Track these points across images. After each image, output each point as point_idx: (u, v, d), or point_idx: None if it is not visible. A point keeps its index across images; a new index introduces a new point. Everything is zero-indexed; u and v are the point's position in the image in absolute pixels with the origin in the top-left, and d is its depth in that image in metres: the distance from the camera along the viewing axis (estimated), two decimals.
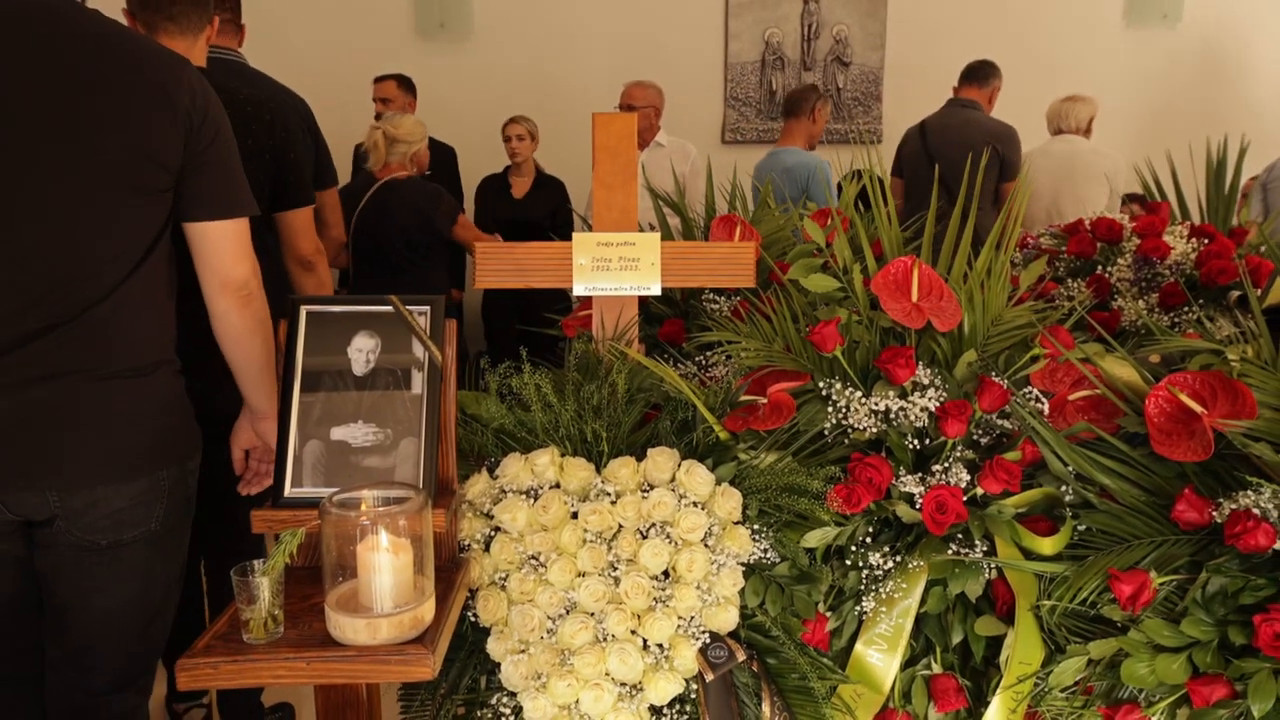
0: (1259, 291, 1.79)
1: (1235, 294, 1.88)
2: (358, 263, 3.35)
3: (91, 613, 1.42)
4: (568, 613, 1.31)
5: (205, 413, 1.55)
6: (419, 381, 1.31)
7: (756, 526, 1.37)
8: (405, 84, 4.45)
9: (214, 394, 1.61)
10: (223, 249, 1.44)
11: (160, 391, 1.40)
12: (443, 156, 4.45)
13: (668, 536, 1.33)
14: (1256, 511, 1.15)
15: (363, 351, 1.31)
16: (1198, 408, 1.27)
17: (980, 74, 4.05)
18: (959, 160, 3.96)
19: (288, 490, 1.27)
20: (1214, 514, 1.21)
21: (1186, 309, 1.88)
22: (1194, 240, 2.02)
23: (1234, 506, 1.18)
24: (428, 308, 1.33)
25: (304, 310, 1.33)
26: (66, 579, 1.40)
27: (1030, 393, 1.47)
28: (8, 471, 1.32)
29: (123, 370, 1.37)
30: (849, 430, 1.44)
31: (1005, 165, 3.86)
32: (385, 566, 1.07)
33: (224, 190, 1.44)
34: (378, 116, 4.38)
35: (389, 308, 1.32)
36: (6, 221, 1.27)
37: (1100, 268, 2.07)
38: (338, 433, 1.30)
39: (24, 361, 1.30)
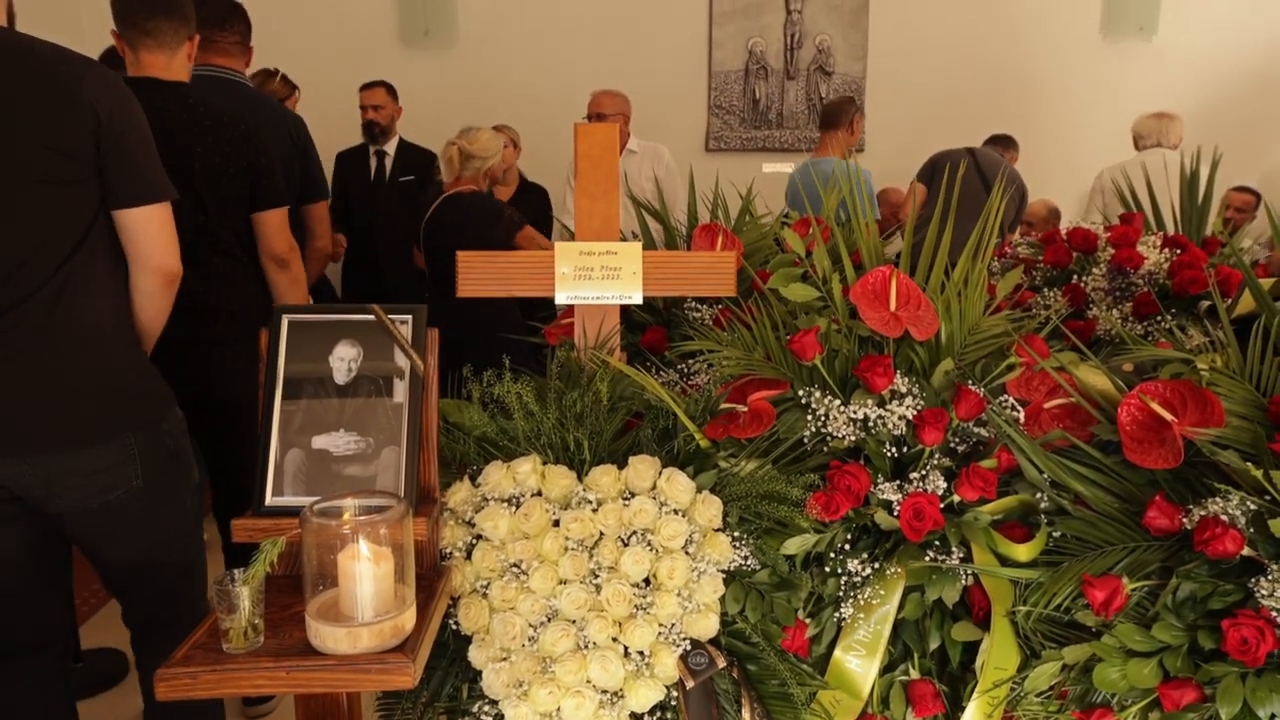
0: (1228, 302, 1.82)
1: (1205, 304, 1.91)
2: (431, 272, 3.44)
3: (113, 562, 1.64)
4: (549, 620, 1.32)
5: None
6: (401, 390, 1.32)
7: (737, 534, 1.39)
8: (392, 91, 4.48)
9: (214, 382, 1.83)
10: (147, 234, 1.57)
11: (114, 364, 1.51)
12: (421, 159, 4.49)
13: (649, 544, 1.34)
14: (1224, 518, 1.18)
15: (344, 360, 1.32)
16: (1168, 416, 1.29)
17: (1006, 141, 4.76)
18: (1002, 179, 4.24)
19: (269, 499, 1.27)
20: (1184, 520, 1.23)
21: (1159, 318, 1.91)
22: (1167, 250, 2.05)
23: (1203, 513, 1.20)
24: (409, 317, 1.34)
25: (286, 319, 1.34)
26: (81, 538, 1.60)
27: (1006, 401, 1.49)
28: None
29: (72, 348, 1.49)
30: (828, 438, 1.45)
31: (1019, 214, 4.29)
32: (366, 575, 1.07)
33: (139, 178, 1.55)
34: (368, 123, 4.40)
35: (371, 316, 1.33)
36: None
37: (1076, 277, 2.10)
38: (319, 441, 1.30)
39: None
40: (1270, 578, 1.12)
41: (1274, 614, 1.11)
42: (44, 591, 1.63)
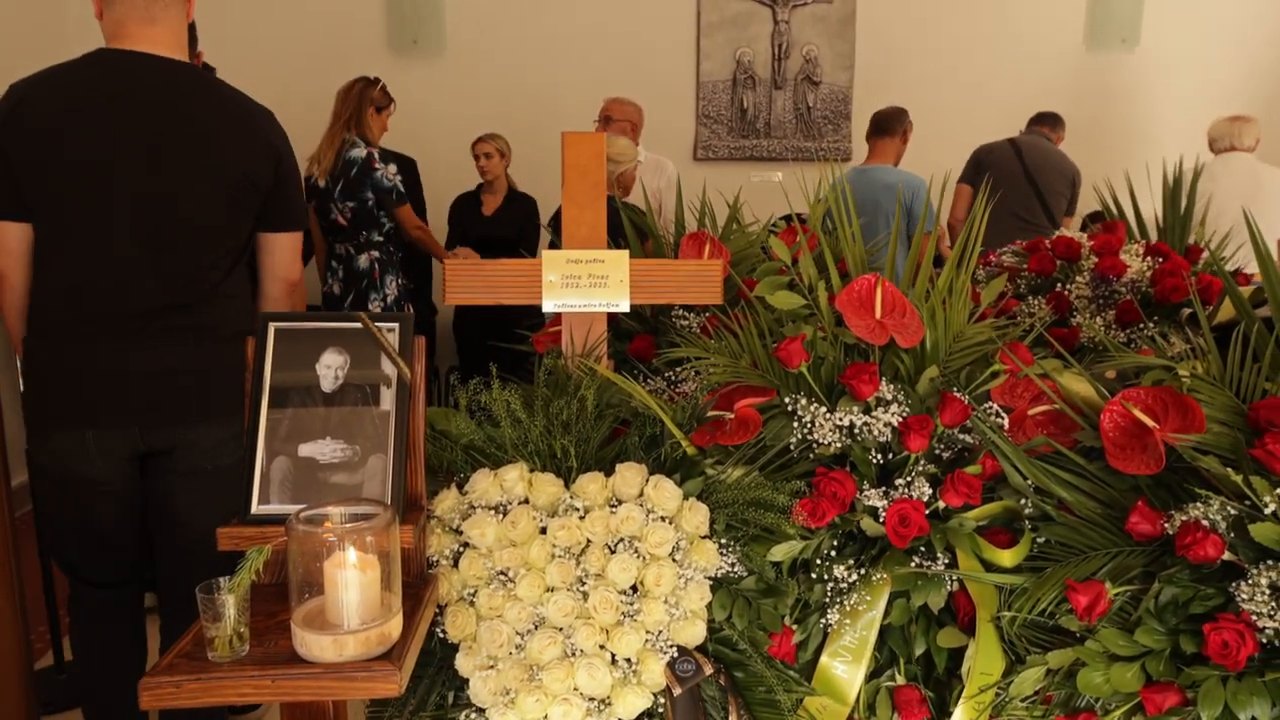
0: (1209, 309, 1.84)
1: (1187, 311, 1.93)
2: None
3: (195, 523, 1.84)
4: (536, 628, 1.32)
5: None
6: (388, 398, 1.32)
7: (724, 541, 1.39)
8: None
9: None
10: (286, 253, 2.00)
11: (238, 358, 1.75)
12: (402, 165, 4.51)
13: (636, 551, 1.35)
14: (1205, 523, 1.19)
15: (331, 368, 1.32)
16: (1150, 422, 1.30)
17: (1052, 120, 4.60)
18: (1055, 182, 4.20)
19: (254, 507, 1.27)
20: (1166, 526, 1.24)
21: (1142, 326, 1.93)
22: (1149, 259, 2.07)
23: (1184, 518, 1.21)
24: (396, 324, 1.34)
25: (272, 327, 1.34)
26: (180, 498, 1.88)
27: (991, 408, 1.50)
28: (146, 410, 1.80)
29: (224, 338, 1.84)
30: (814, 445, 1.46)
31: (1073, 200, 4.34)
32: (352, 583, 1.07)
33: (292, 210, 1.99)
34: None
35: (358, 324, 1.33)
36: (161, 228, 1.78)
37: (1060, 285, 2.12)
38: (305, 449, 1.30)
39: (156, 326, 1.80)
40: (1250, 582, 1.14)
41: (1254, 618, 1.12)
42: (131, 543, 1.95)
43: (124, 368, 1.78)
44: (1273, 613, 1.10)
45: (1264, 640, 1.12)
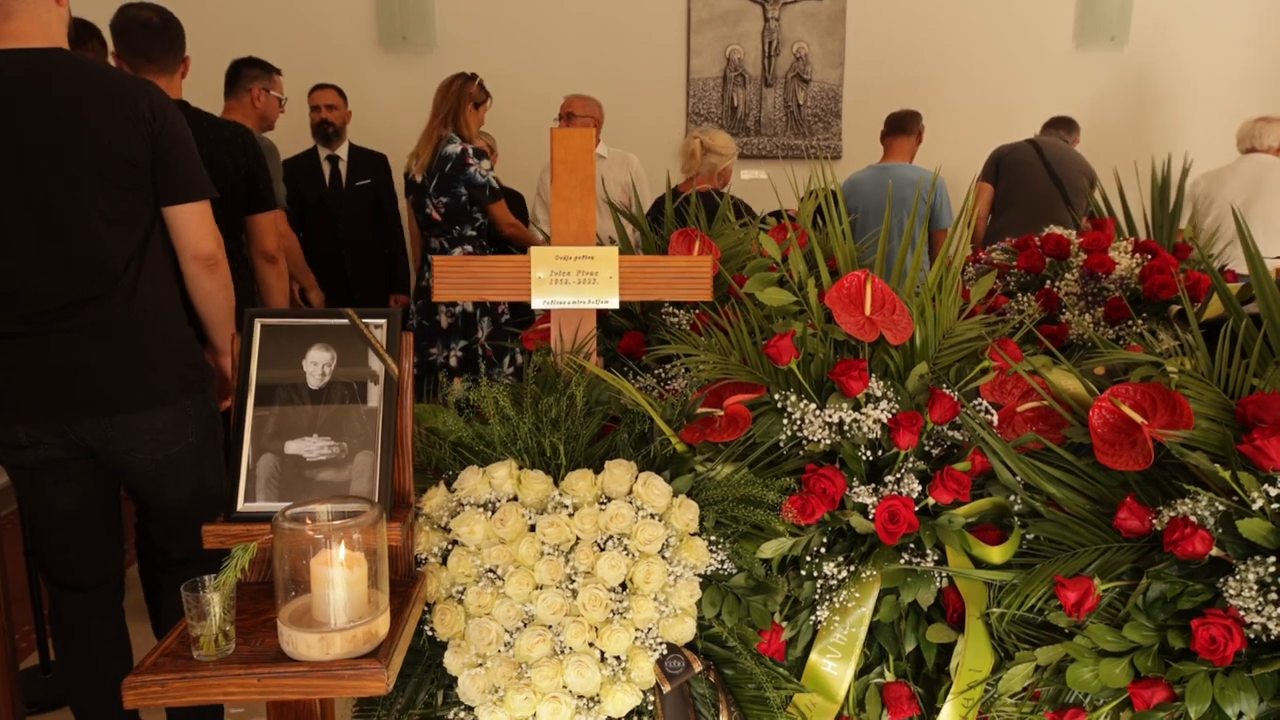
0: (1197, 306, 1.85)
1: (1175, 308, 1.94)
2: None
3: (164, 507, 1.95)
4: (525, 626, 1.32)
5: None
6: (375, 395, 1.31)
7: (713, 538, 1.39)
8: (342, 94, 4.48)
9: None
10: (190, 226, 1.91)
11: (176, 340, 1.81)
12: (375, 162, 4.51)
13: (625, 548, 1.34)
14: (1194, 519, 1.19)
15: (318, 365, 1.31)
16: (1138, 418, 1.31)
17: (1068, 124, 4.67)
18: (1077, 179, 4.24)
19: (240, 505, 1.26)
20: (1154, 522, 1.24)
21: (1130, 323, 1.94)
22: (1138, 255, 2.08)
23: (1172, 514, 1.21)
24: (384, 321, 1.33)
25: (259, 323, 1.33)
26: (140, 486, 1.94)
27: (980, 404, 1.50)
28: (66, 405, 1.79)
29: (147, 326, 1.85)
30: (804, 442, 1.46)
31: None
32: (339, 581, 1.07)
33: (185, 180, 1.89)
34: (321, 123, 4.37)
35: (344, 321, 1.32)
36: (46, 220, 1.75)
37: (1049, 282, 2.12)
38: (292, 446, 1.29)
39: (72, 322, 1.78)
40: (1238, 577, 1.14)
41: (1242, 613, 1.12)
42: (105, 537, 1.98)
43: (43, 363, 1.78)
44: (1260, 608, 1.11)
45: (1251, 635, 1.12)
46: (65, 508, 1.90)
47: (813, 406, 1.45)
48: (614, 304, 1.68)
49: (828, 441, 1.44)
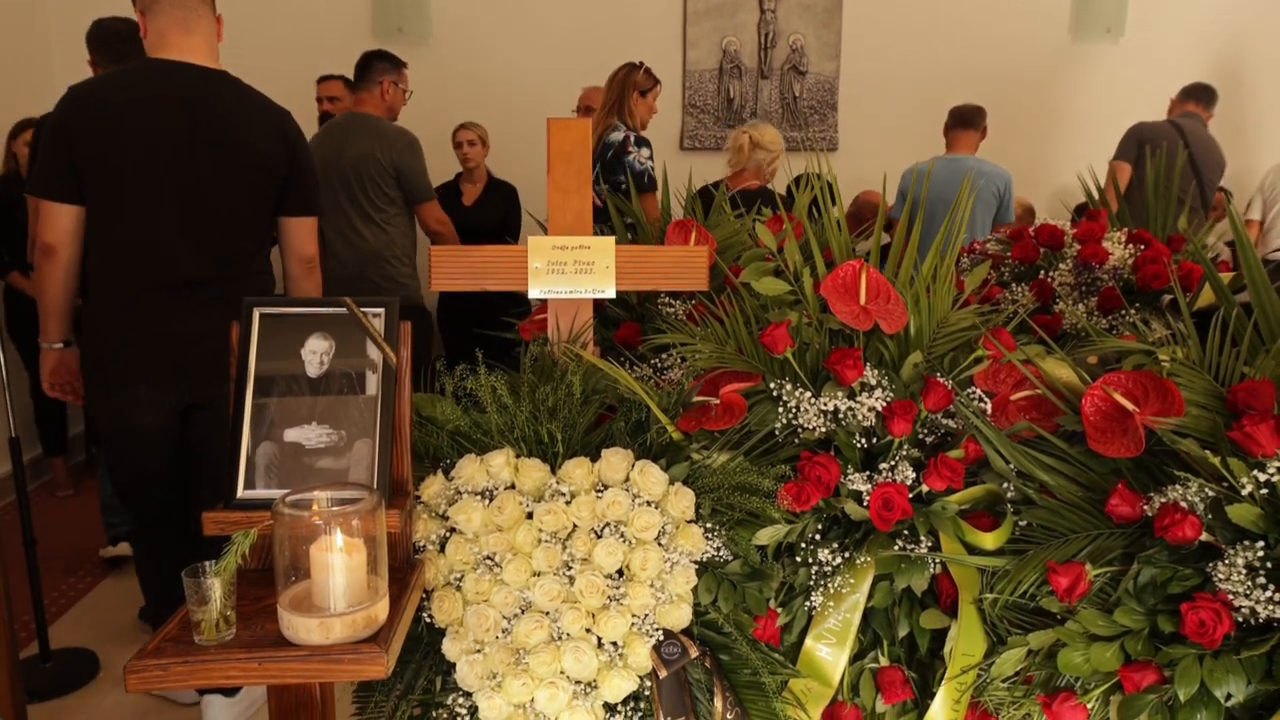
0: (1190, 296, 1.86)
1: (1168, 298, 1.95)
2: None
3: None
4: (523, 612, 1.33)
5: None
6: (374, 383, 1.32)
7: (709, 525, 1.40)
8: (349, 84, 4.46)
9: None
10: (302, 235, 2.35)
11: None
12: None
13: (622, 536, 1.35)
14: (1184, 505, 1.20)
15: (316, 353, 1.32)
16: (1130, 406, 1.32)
17: (1207, 95, 4.53)
18: (1213, 175, 4.23)
19: (240, 492, 1.27)
20: (1145, 508, 1.25)
21: (1123, 312, 1.95)
22: (1131, 246, 2.09)
23: (1163, 500, 1.23)
24: (382, 309, 1.34)
25: (257, 312, 1.33)
26: (212, 446, 2.19)
27: (974, 393, 1.51)
28: (183, 372, 2.18)
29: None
30: (799, 430, 1.47)
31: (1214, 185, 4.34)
32: (338, 567, 1.07)
33: (305, 196, 2.33)
34: (324, 115, 4.37)
35: (343, 309, 1.33)
36: (199, 208, 2.15)
37: (1043, 272, 2.13)
38: (291, 434, 1.30)
39: (200, 296, 2.17)
40: (1227, 562, 1.15)
41: (1231, 597, 1.14)
42: (180, 479, 2.32)
43: (168, 331, 2.15)
44: (1248, 592, 1.12)
45: (1240, 619, 1.14)
46: (152, 458, 2.25)
47: (808, 395, 1.46)
48: (611, 294, 1.68)
49: (823, 429, 1.45)
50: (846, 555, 1.40)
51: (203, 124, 2.12)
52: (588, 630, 1.32)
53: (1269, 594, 1.11)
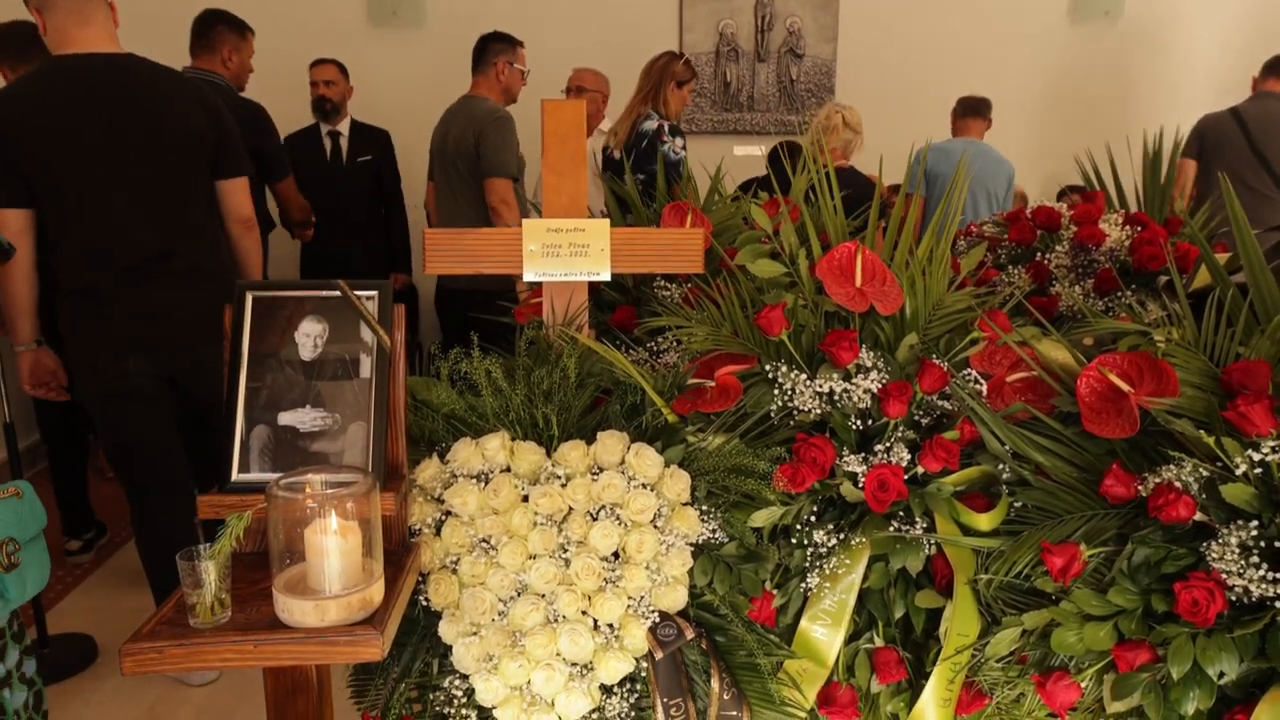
0: (1185, 277, 1.86)
1: (1164, 279, 1.95)
2: None
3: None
4: (519, 595, 1.33)
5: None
6: (368, 366, 1.32)
7: (705, 507, 1.40)
8: (344, 69, 4.46)
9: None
10: (236, 196, 2.53)
11: (227, 288, 2.09)
12: (377, 138, 4.50)
13: (617, 518, 1.35)
14: (1178, 485, 1.20)
15: (310, 336, 1.31)
16: (1125, 387, 1.32)
17: None
18: None
19: (234, 475, 1.27)
20: (1139, 488, 1.26)
21: (1119, 294, 1.95)
22: (1128, 228, 2.09)
23: (1157, 480, 1.23)
24: (375, 292, 1.33)
25: (250, 295, 1.33)
26: (205, 404, 2.36)
27: (969, 374, 1.51)
28: (164, 340, 2.38)
29: (208, 277, 2.42)
30: (794, 412, 1.47)
31: None
32: (333, 549, 1.08)
33: (233, 158, 2.50)
34: (319, 98, 4.35)
35: (336, 292, 1.32)
36: (139, 189, 2.32)
37: (1040, 254, 2.13)
38: (285, 418, 1.29)
39: (164, 268, 2.35)
40: (1220, 541, 1.15)
41: (1224, 576, 1.14)
42: (177, 445, 2.52)
43: (149, 306, 2.34)
44: (1241, 570, 1.12)
45: (1233, 598, 1.14)
46: (148, 426, 2.43)
47: (803, 377, 1.46)
48: (606, 276, 1.68)
49: (818, 411, 1.45)
50: (842, 537, 1.40)
51: (126, 107, 2.26)
52: (584, 612, 1.32)
53: (1262, 573, 1.11)
